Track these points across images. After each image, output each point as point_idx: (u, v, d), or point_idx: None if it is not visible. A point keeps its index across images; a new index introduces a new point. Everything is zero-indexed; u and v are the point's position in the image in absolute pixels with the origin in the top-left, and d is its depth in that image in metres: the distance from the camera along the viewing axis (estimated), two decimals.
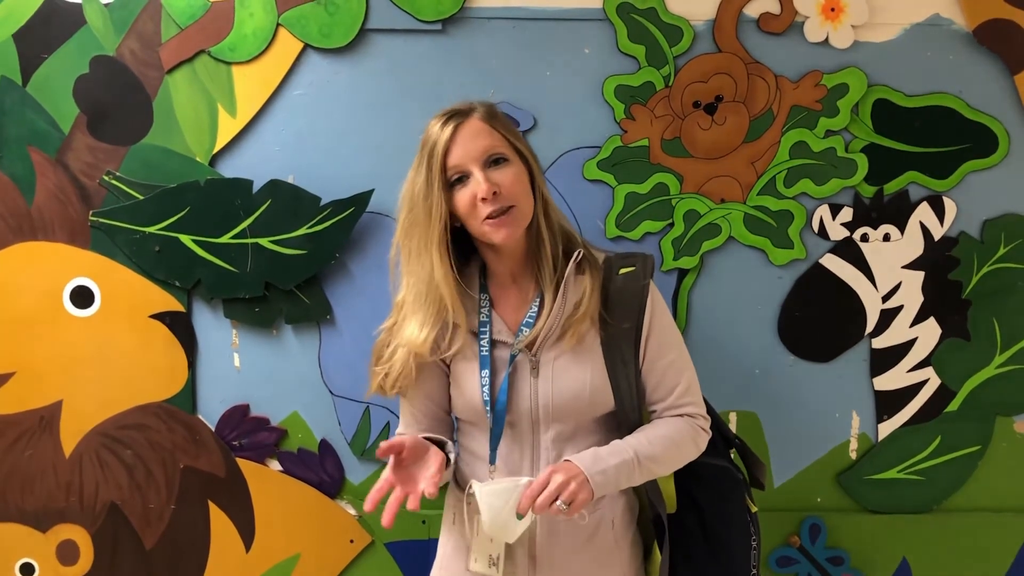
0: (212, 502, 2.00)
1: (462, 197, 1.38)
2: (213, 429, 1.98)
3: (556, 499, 1.27)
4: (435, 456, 1.36)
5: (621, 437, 1.48)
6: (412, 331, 1.43)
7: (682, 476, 1.52)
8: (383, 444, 1.29)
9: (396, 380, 1.46)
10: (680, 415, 1.47)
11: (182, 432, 1.98)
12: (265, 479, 1.99)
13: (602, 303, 1.44)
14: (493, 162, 1.39)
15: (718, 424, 1.61)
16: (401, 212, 1.44)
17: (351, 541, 2.00)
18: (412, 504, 1.27)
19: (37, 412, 1.97)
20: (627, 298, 1.44)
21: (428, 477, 1.32)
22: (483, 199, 1.36)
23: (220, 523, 2.00)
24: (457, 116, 1.40)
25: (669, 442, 1.42)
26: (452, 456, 1.46)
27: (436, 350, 1.45)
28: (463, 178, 1.38)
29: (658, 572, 1.49)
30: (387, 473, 1.31)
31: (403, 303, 1.47)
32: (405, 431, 1.55)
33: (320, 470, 1.99)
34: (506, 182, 1.38)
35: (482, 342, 1.45)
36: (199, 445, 1.98)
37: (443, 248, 1.39)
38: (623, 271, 1.46)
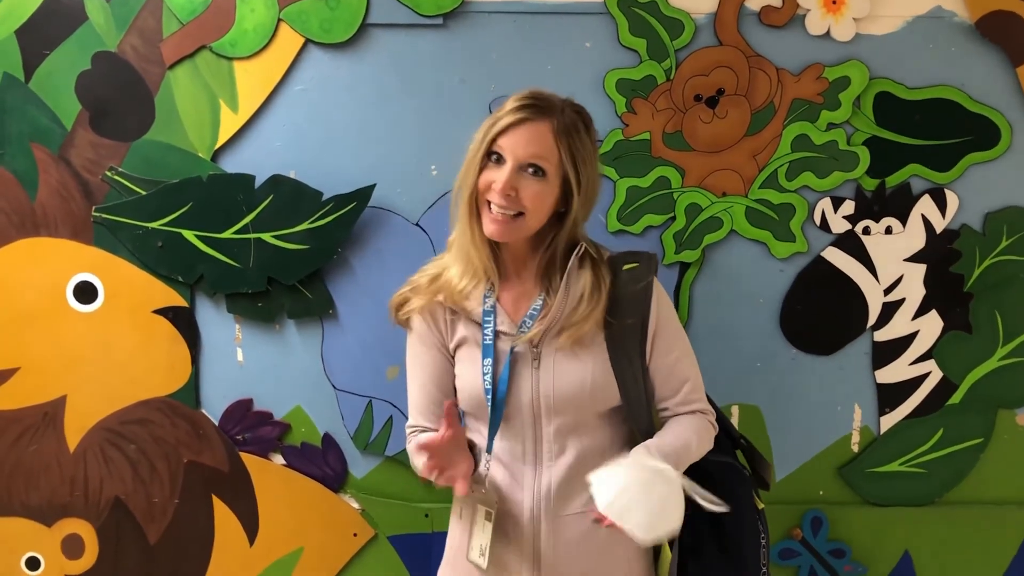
0: (216, 496, 2.00)
1: (485, 175, 1.38)
2: (216, 424, 1.99)
3: None
4: (466, 457, 1.40)
5: (628, 432, 1.50)
6: (454, 274, 1.47)
7: (690, 474, 1.50)
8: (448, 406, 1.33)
9: (413, 310, 1.50)
10: (692, 411, 1.48)
11: (185, 427, 1.98)
12: (268, 473, 2.00)
13: (606, 304, 1.43)
14: (531, 170, 1.37)
15: (723, 422, 1.61)
16: (468, 153, 1.43)
17: (354, 535, 2.00)
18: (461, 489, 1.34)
19: (41, 407, 1.98)
20: (630, 295, 1.44)
21: (462, 471, 1.37)
22: (495, 191, 1.37)
23: (224, 517, 2.01)
24: (535, 110, 1.37)
25: (696, 440, 1.44)
26: (482, 467, 1.46)
27: (440, 335, 1.50)
28: (499, 160, 1.38)
29: (667, 570, 1.49)
30: (432, 461, 1.33)
31: (452, 243, 1.50)
32: (415, 422, 1.55)
33: (323, 464, 1.99)
34: (527, 193, 1.37)
35: (486, 331, 1.45)
36: (202, 440, 1.99)
37: (472, 210, 1.41)
38: (626, 268, 1.46)
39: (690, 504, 1.52)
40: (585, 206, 1.44)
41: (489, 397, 1.44)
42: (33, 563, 2.02)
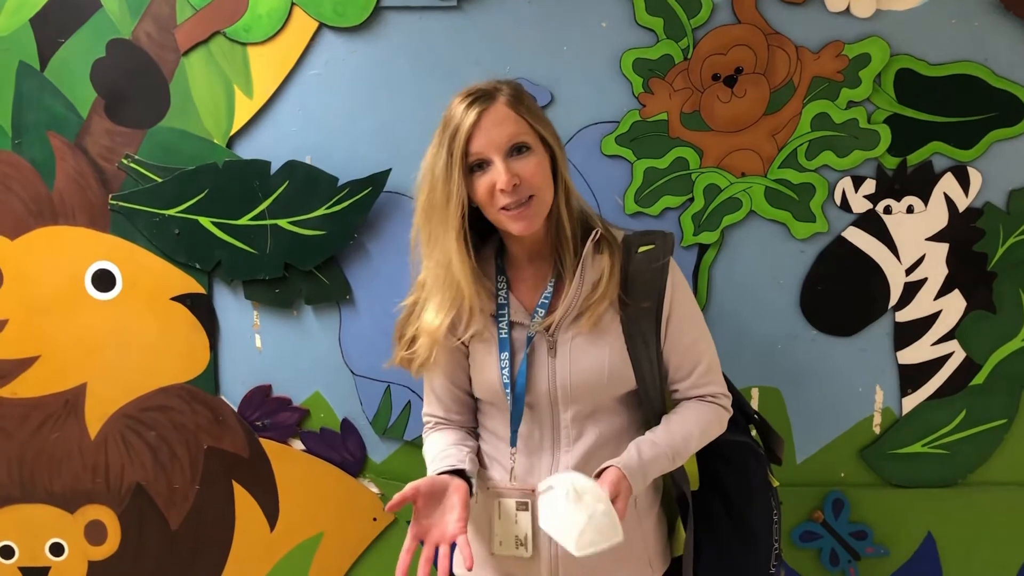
0: (236, 482, 2.01)
1: (481, 185, 1.36)
2: (236, 410, 1.99)
3: None
4: (456, 491, 1.33)
5: (643, 415, 1.49)
6: (429, 316, 1.42)
7: (704, 454, 1.53)
8: (394, 498, 1.27)
9: (421, 365, 1.46)
10: (702, 395, 1.47)
11: (205, 413, 1.99)
12: (288, 459, 2.01)
13: (621, 283, 1.42)
14: (516, 150, 1.36)
15: (738, 400, 1.60)
16: (421, 192, 1.41)
17: (374, 519, 2.01)
18: (442, 565, 1.26)
19: (62, 395, 1.99)
20: (646, 277, 1.43)
21: (455, 524, 1.29)
22: (502, 190, 1.34)
23: (244, 503, 2.02)
24: (483, 99, 1.36)
25: (699, 430, 1.43)
26: (475, 483, 1.41)
27: (452, 335, 1.45)
28: (483, 164, 1.36)
29: (682, 549, 1.50)
30: (410, 531, 1.30)
31: (424, 283, 1.46)
32: (431, 413, 1.56)
33: (342, 449, 2.00)
34: (527, 172, 1.35)
35: (501, 324, 1.44)
36: (222, 426, 1.99)
37: (460, 236, 1.37)
38: (642, 249, 1.44)
39: (703, 481, 1.52)
40: (564, 162, 1.43)
41: (508, 391, 1.43)
42: (57, 549, 2.04)
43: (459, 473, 1.38)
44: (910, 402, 1.94)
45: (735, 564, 1.51)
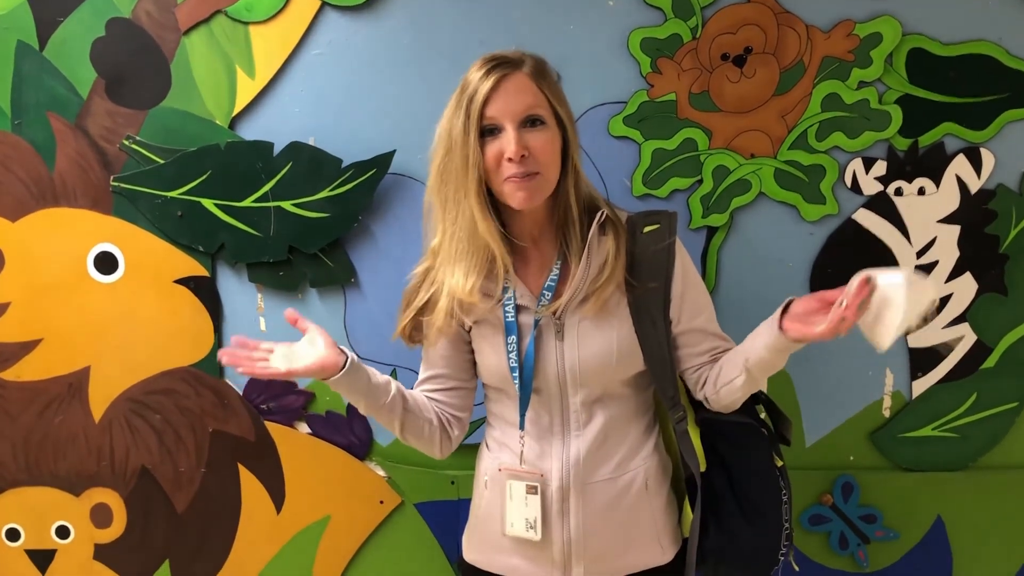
0: (242, 465, 2.01)
1: (490, 151, 1.35)
2: (241, 393, 1.99)
3: None
4: (329, 353, 1.41)
5: (652, 397, 1.51)
6: (457, 280, 1.40)
7: (708, 435, 1.53)
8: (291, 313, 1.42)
9: (439, 330, 1.45)
10: (720, 354, 1.48)
11: (210, 396, 1.98)
12: (294, 442, 2.00)
13: (627, 264, 1.42)
14: (529, 122, 1.35)
15: None
16: (436, 154, 1.40)
17: (380, 502, 2.01)
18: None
19: (66, 378, 1.98)
20: (652, 258, 1.42)
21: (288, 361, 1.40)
22: (509, 159, 1.33)
23: (250, 486, 2.02)
24: (505, 66, 1.35)
25: None
26: (354, 366, 1.44)
27: (487, 298, 1.43)
28: (495, 131, 1.35)
29: (690, 531, 1.50)
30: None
31: (438, 249, 1.45)
32: (421, 379, 1.56)
33: (348, 432, 1.99)
34: (537, 146, 1.34)
35: (507, 308, 1.43)
36: (227, 409, 1.99)
37: (482, 198, 1.36)
38: (647, 230, 1.44)
39: (710, 462, 1.52)
40: (576, 144, 1.42)
41: (516, 375, 1.42)
42: (63, 532, 2.05)
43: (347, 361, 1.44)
44: (920, 385, 1.93)
45: (744, 544, 1.51)
